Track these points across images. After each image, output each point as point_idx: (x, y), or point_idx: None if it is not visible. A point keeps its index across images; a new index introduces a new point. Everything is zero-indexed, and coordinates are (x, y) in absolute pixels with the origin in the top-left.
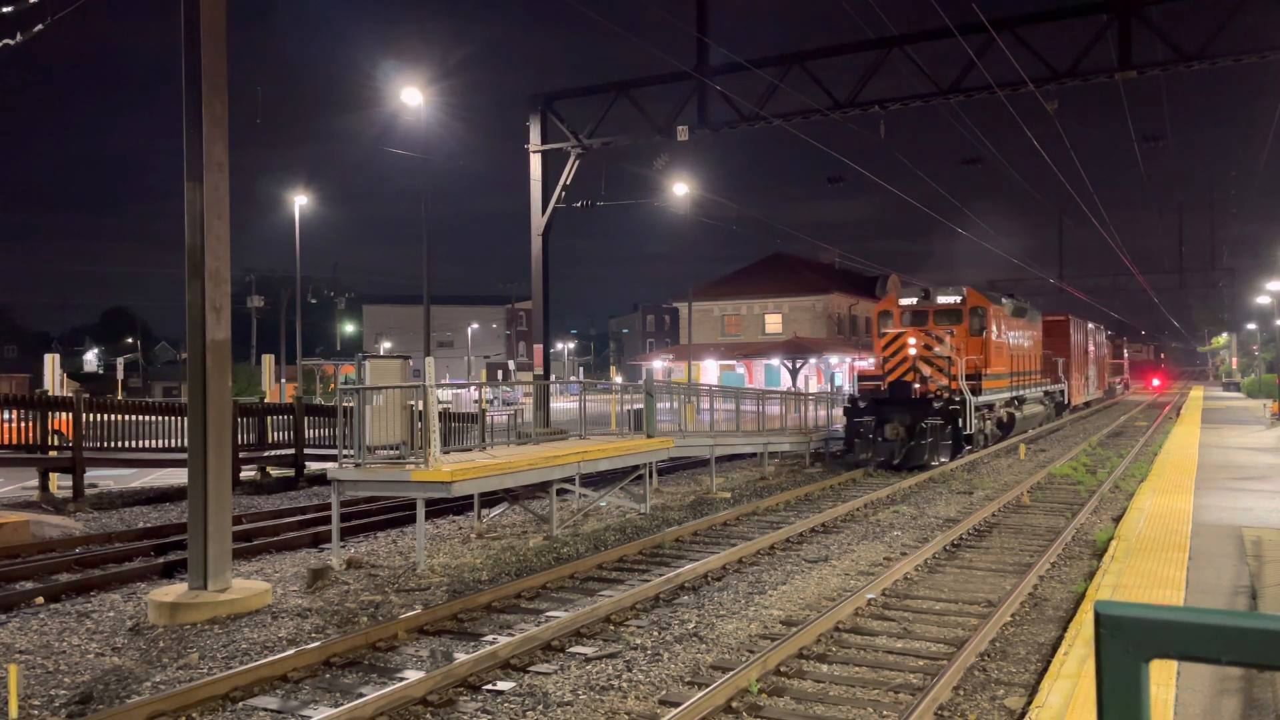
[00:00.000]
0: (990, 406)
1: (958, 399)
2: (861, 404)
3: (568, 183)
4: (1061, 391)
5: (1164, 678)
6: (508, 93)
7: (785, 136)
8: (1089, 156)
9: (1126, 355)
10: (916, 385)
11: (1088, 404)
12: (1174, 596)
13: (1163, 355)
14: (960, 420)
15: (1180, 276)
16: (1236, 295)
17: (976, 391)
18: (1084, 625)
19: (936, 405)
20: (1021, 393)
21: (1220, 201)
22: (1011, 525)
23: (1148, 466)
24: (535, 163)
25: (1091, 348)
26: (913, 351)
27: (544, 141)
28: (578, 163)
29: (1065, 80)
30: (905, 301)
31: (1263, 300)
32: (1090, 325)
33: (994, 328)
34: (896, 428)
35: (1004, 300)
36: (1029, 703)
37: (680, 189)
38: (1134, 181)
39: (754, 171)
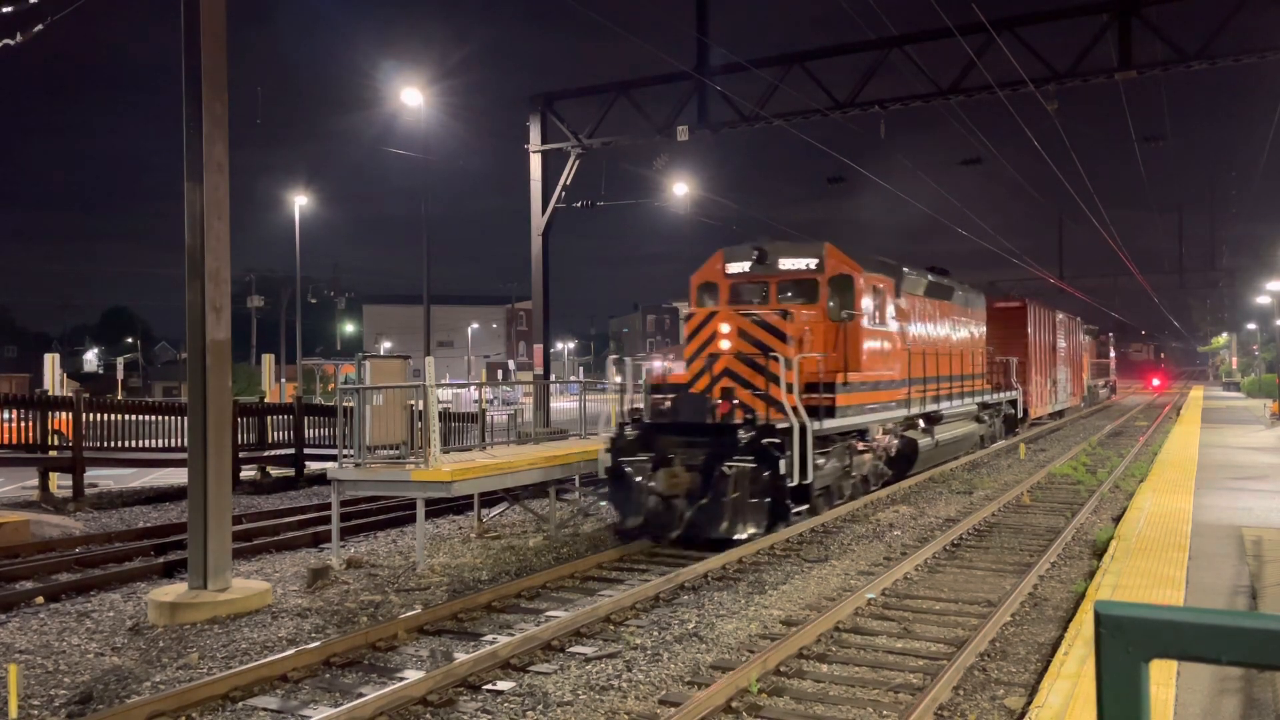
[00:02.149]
0: (860, 434)
1: (781, 426)
2: (630, 434)
3: (568, 183)
4: (1013, 401)
5: (1164, 677)
6: (508, 93)
7: (785, 136)
8: (1089, 156)
9: (1113, 354)
10: (718, 402)
11: (1057, 415)
12: (1174, 596)
13: (1163, 355)
14: (785, 462)
15: (1180, 276)
16: (1236, 295)
17: (827, 412)
18: (1084, 625)
19: (743, 436)
20: (936, 407)
21: (1220, 201)
22: (1011, 525)
23: (1148, 466)
24: (535, 163)
25: (1063, 344)
26: (725, 345)
27: (544, 141)
28: (578, 163)
29: (1065, 80)
30: (733, 268)
31: (1263, 300)
32: (1061, 316)
33: (871, 309)
34: (676, 475)
35: (908, 272)
36: (1029, 703)
37: (680, 189)
38: (1134, 181)
39: (754, 171)
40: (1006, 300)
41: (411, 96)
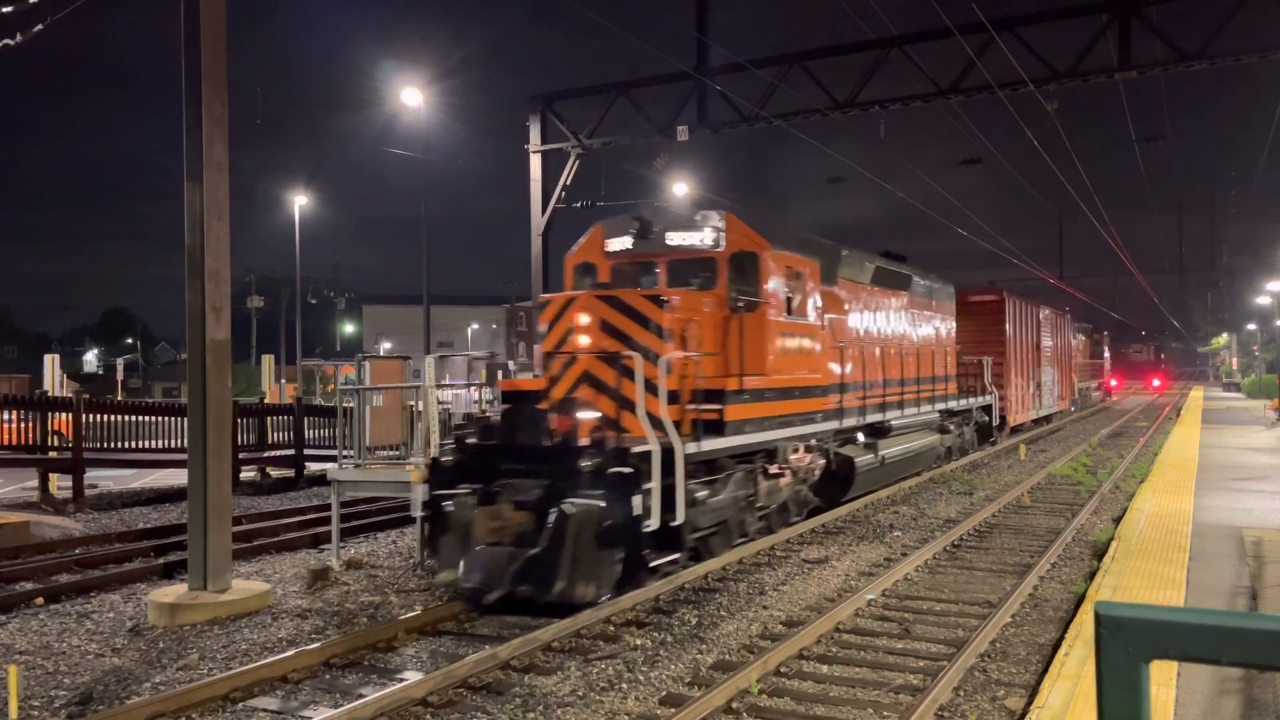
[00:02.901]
0: (768, 455)
1: (639, 449)
2: (450, 459)
3: (568, 183)
4: (987, 408)
5: (1164, 678)
6: (508, 93)
7: (785, 136)
8: (1089, 156)
9: (1108, 354)
10: (555, 419)
11: (1042, 420)
12: (1174, 597)
13: (1163, 355)
14: (640, 498)
15: (1180, 276)
16: (1236, 295)
17: (713, 428)
18: (1084, 626)
19: (586, 464)
20: (882, 418)
21: (1220, 201)
22: (1012, 526)
23: (1148, 467)
24: (535, 163)
25: (1049, 342)
26: (584, 340)
27: (544, 142)
28: (578, 163)
29: (1065, 80)
30: (615, 244)
31: (1263, 300)
32: (1046, 311)
33: (785, 297)
34: (500, 516)
35: (846, 254)
36: (1029, 703)
37: (680, 189)
38: (1134, 181)
39: (754, 171)
40: (981, 293)
41: (411, 96)
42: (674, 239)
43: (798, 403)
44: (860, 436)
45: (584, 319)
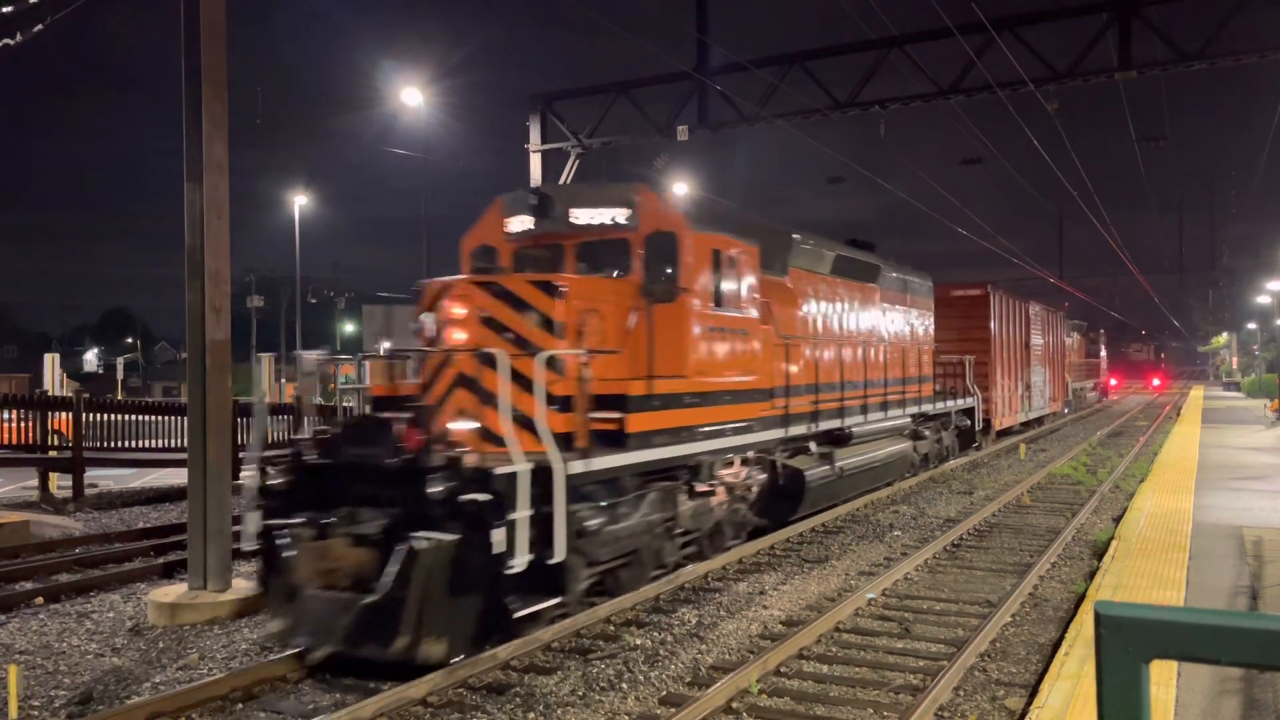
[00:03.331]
0: (693, 471)
1: (503, 470)
2: (281, 481)
3: (568, 183)
4: (968, 411)
5: (1164, 678)
6: (508, 93)
7: (785, 136)
8: (1089, 156)
9: (1104, 353)
10: (404, 431)
11: (1034, 423)
12: (1174, 597)
13: (1163, 355)
14: (500, 532)
15: (1180, 276)
16: (1237, 295)
17: (611, 440)
18: (1084, 626)
19: (434, 490)
20: (840, 424)
21: (1220, 201)
22: (1012, 525)
23: (1148, 466)
24: (535, 163)
25: (1039, 340)
26: (459, 336)
27: (544, 141)
28: (578, 162)
29: (1065, 80)
30: (516, 224)
31: (1263, 300)
32: (1037, 308)
33: (712, 286)
34: (332, 553)
35: (798, 239)
36: (1029, 703)
37: (680, 189)
38: (1134, 181)
39: (753, 171)
40: (963, 288)
41: (411, 96)
42: (580, 217)
43: (729, 409)
44: (813, 446)
45: (459, 310)
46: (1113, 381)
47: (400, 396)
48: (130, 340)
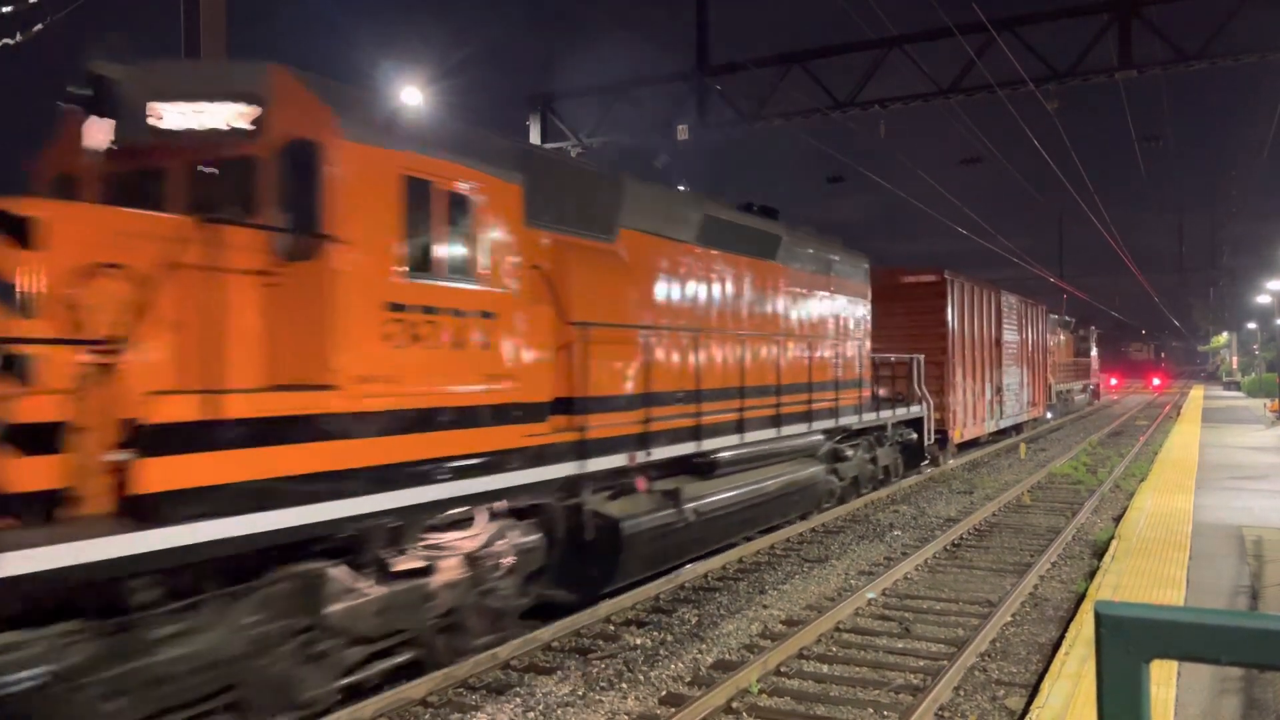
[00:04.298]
0: (391, 536)
1: None
2: None
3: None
4: (917, 421)
5: (1164, 677)
6: (508, 92)
7: (785, 136)
8: (1089, 156)
9: (1095, 351)
10: None
11: (1009, 431)
12: (1174, 596)
13: (1163, 354)
14: None
15: (1181, 276)
16: (1237, 295)
17: (136, 508)
18: (1084, 625)
19: None
20: (691, 448)
21: (1220, 201)
22: (1012, 525)
23: (1148, 466)
24: None
25: (1013, 336)
26: None
27: (544, 141)
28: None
29: (1065, 80)
30: (93, 135)
31: (1263, 300)
32: (1011, 300)
33: (403, 234)
34: None
35: (634, 191)
36: (1030, 703)
37: (680, 189)
38: (1134, 181)
39: (753, 171)
40: (915, 273)
41: (411, 96)
42: (170, 118)
43: (446, 438)
44: (642, 483)
45: None
46: (1113, 381)
47: None
48: None
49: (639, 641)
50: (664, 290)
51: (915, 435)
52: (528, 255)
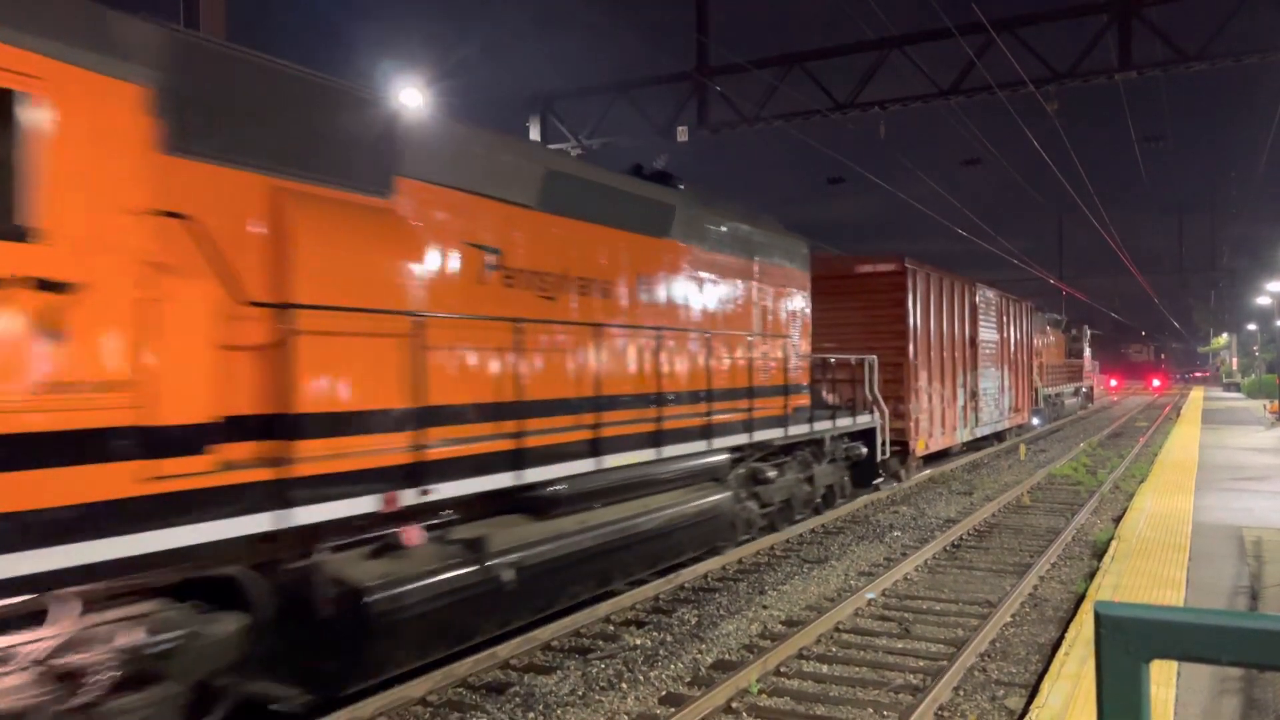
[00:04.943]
0: None
1: None
2: None
3: None
4: (867, 433)
5: (1164, 678)
6: (507, 93)
7: (785, 137)
8: (1089, 157)
9: (1089, 352)
10: None
11: (986, 440)
12: (1174, 597)
13: (1163, 355)
14: None
15: (1181, 277)
16: (1237, 296)
17: None
18: (1084, 626)
19: None
20: (508, 480)
21: (1220, 202)
22: (1012, 525)
23: (1148, 467)
24: None
25: (991, 335)
26: None
27: (544, 141)
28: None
29: (1065, 80)
30: None
31: (1263, 301)
32: (988, 294)
33: None
34: None
35: (424, 127)
36: (1029, 703)
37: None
38: (1134, 182)
39: (753, 171)
40: (870, 261)
41: (411, 96)
42: None
43: None
44: (413, 534)
45: None
46: (1113, 383)
47: None
48: None
49: (639, 641)
50: (476, 268)
51: (864, 450)
52: (164, 198)
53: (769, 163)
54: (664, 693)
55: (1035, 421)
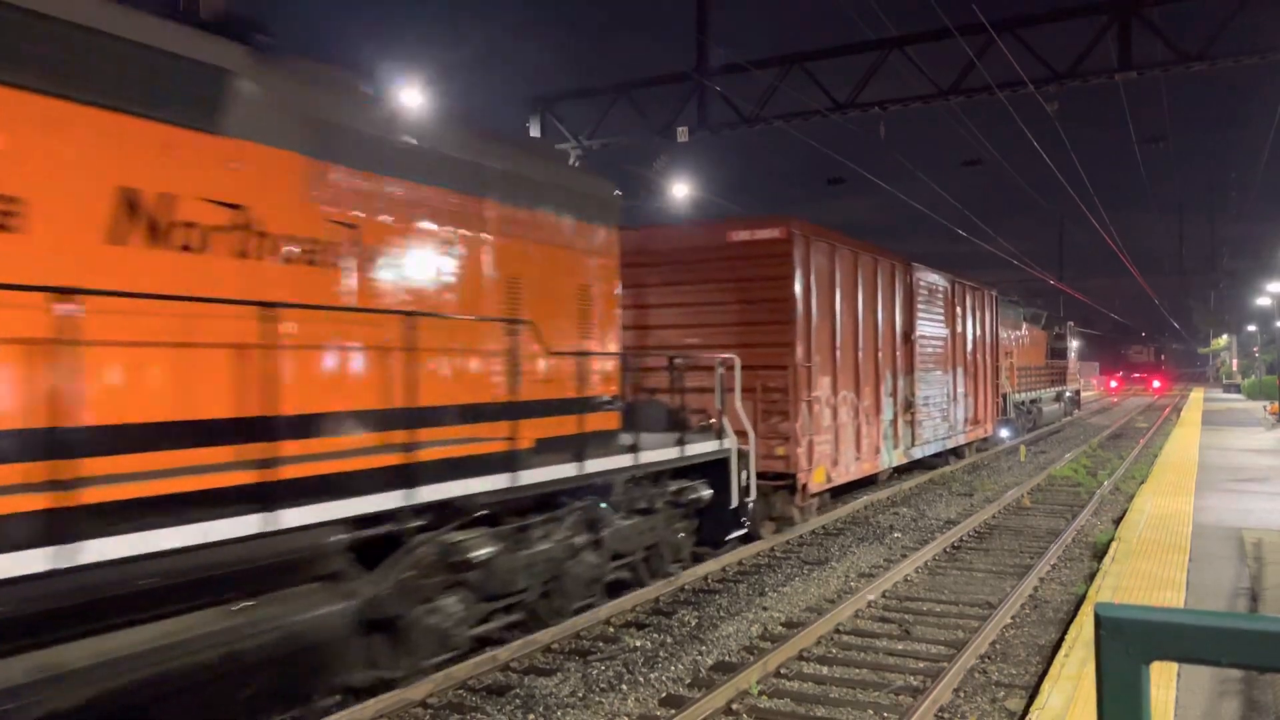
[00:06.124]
0: None
1: None
2: None
3: None
4: (719, 463)
5: (1164, 679)
6: (507, 94)
7: (785, 137)
8: (1089, 157)
9: (1074, 351)
10: None
11: (936, 460)
12: (1174, 598)
13: (1163, 356)
14: None
15: (1181, 278)
16: (1237, 297)
17: None
18: (1084, 627)
19: None
20: None
21: (1221, 203)
22: (1012, 527)
23: (1148, 468)
24: None
25: (938, 331)
26: None
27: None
28: (578, 164)
29: (1065, 81)
30: None
31: (1263, 302)
32: (934, 278)
33: None
34: None
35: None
36: (1029, 704)
37: (680, 190)
38: (1134, 182)
39: (753, 172)
40: (747, 227)
41: (410, 98)
42: None
43: None
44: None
45: None
46: (1113, 384)
47: None
48: None
49: (639, 643)
50: None
51: (707, 491)
52: None
53: (769, 163)
54: (664, 694)
55: (1004, 434)
